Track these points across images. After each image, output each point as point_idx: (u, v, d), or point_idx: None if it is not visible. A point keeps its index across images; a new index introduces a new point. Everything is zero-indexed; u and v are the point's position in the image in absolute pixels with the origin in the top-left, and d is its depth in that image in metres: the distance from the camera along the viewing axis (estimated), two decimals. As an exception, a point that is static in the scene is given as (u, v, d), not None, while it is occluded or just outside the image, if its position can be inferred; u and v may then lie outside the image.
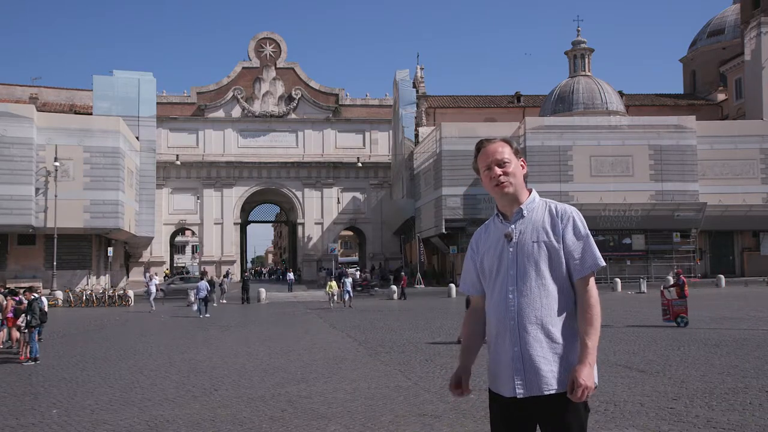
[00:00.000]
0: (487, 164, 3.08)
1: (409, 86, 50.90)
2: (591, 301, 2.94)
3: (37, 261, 39.77)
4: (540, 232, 3.01)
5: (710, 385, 8.87)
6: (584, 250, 2.98)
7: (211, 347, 15.02)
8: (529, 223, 3.04)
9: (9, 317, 15.27)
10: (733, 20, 60.54)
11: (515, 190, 3.07)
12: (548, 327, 2.92)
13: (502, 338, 3.00)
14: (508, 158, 3.07)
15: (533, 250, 2.98)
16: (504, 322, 2.98)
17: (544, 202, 3.10)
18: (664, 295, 17.31)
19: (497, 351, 3.03)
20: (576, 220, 3.02)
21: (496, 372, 3.04)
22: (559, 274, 2.98)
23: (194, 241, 75.02)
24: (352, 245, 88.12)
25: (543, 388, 2.88)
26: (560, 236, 2.99)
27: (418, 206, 46.85)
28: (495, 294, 3.05)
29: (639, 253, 41.65)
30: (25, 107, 39.86)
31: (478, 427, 7.04)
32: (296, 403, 8.54)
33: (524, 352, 2.91)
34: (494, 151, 3.08)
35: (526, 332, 2.92)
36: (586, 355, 2.86)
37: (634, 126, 42.31)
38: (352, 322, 20.77)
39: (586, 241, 2.99)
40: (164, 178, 53.67)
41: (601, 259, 2.99)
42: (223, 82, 56.41)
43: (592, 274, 2.99)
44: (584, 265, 2.97)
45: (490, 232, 3.18)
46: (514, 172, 3.07)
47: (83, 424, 7.77)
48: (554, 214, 3.04)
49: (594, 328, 2.90)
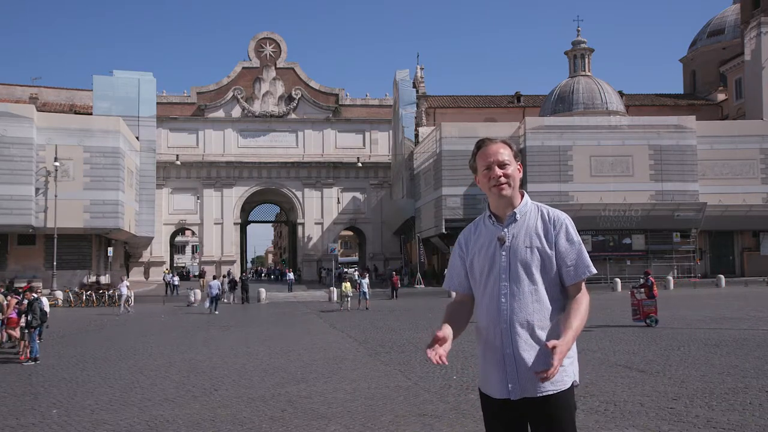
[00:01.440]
0: (488, 164, 3.07)
1: (409, 86, 50.89)
2: (581, 305, 2.97)
3: (37, 261, 39.76)
4: (533, 237, 3.02)
5: (710, 385, 8.87)
6: (577, 257, 3.01)
7: (211, 347, 15.02)
8: (522, 227, 3.05)
9: (11, 317, 15.26)
10: (733, 20, 60.52)
11: (512, 193, 3.07)
12: (540, 331, 2.95)
13: (492, 341, 3.02)
14: (509, 160, 3.07)
15: (526, 255, 3.00)
16: (496, 325, 3.00)
17: (536, 207, 3.12)
18: (634, 296, 17.58)
19: (487, 353, 3.05)
20: (569, 227, 3.04)
21: (486, 374, 3.06)
22: (551, 280, 3.00)
23: (194, 241, 75.07)
24: (352, 245, 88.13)
25: (537, 390, 2.91)
26: (553, 243, 3.01)
27: (418, 206, 46.84)
28: (486, 297, 3.06)
29: (639, 253, 41.60)
30: (25, 107, 39.83)
31: (478, 427, 7.04)
32: (296, 403, 8.55)
33: (516, 355, 2.94)
34: (496, 152, 3.08)
35: (518, 335, 2.95)
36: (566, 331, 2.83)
37: (634, 126, 42.28)
38: (352, 322, 20.77)
39: (578, 247, 3.02)
40: (164, 178, 53.67)
41: (593, 267, 3.03)
42: (223, 82, 56.42)
43: (584, 280, 3.02)
44: (577, 271, 3.00)
45: (480, 232, 3.17)
46: (513, 174, 3.07)
47: (83, 424, 7.77)
48: (547, 220, 3.06)
49: (579, 320, 2.90)
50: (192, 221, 55.34)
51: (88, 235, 40.53)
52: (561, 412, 2.93)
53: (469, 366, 11.03)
